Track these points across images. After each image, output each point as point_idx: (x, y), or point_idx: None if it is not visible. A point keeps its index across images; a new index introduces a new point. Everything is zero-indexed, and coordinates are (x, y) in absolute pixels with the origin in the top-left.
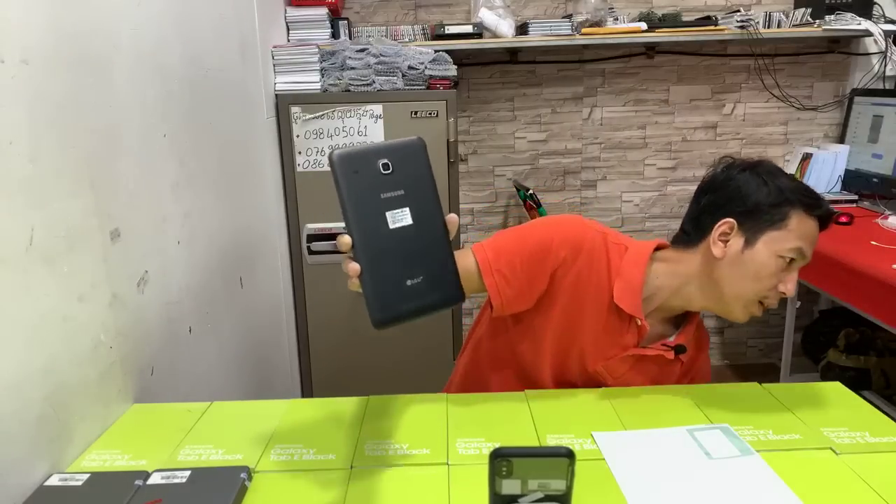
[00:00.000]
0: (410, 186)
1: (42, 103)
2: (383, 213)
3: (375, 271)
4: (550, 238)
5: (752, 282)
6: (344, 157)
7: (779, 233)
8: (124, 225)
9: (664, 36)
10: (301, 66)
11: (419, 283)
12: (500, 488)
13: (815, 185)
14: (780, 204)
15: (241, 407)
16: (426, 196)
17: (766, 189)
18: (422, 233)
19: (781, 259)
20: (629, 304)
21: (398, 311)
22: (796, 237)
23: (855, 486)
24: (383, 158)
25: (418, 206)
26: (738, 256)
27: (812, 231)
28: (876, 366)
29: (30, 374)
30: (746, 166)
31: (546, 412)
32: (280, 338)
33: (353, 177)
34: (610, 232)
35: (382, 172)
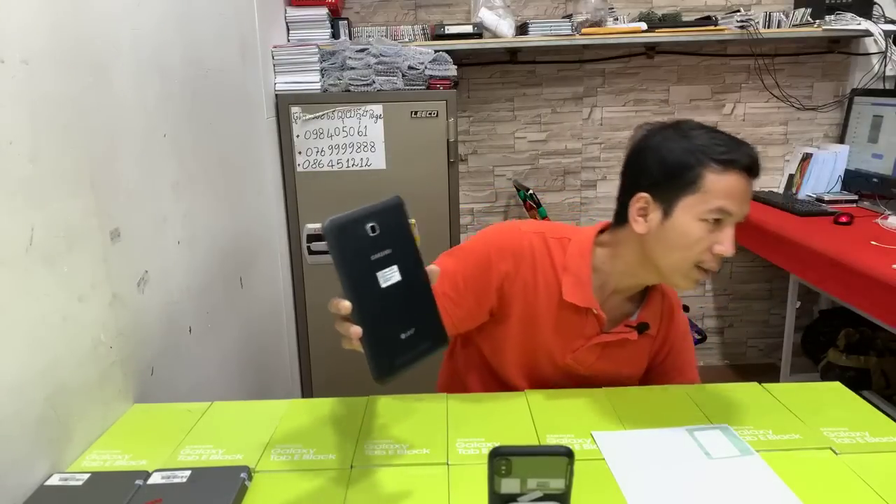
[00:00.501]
0: (395, 244)
1: (42, 103)
2: (375, 274)
3: (374, 332)
4: (488, 253)
5: (681, 251)
6: (337, 226)
7: (694, 196)
8: (124, 225)
9: (664, 36)
10: (301, 66)
11: (412, 334)
12: (499, 487)
13: (815, 185)
14: (690, 166)
15: (241, 407)
16: (409, 251)
17: (673, 154)
18: (409, 287)
19: (704, 222)
20: (580, 297)
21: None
22: (714, 197)
23: (855, 486)
24: (370, 222)
25: (404, 262)
26: (661, 229)
27: (733, 185)
28: (876, 366)
29: (30, 374)
30: (656, 132)
31: (546, 412)
32: (280, 338)
33: (346, 244)
34: (549, 228)
35: (370, 235)
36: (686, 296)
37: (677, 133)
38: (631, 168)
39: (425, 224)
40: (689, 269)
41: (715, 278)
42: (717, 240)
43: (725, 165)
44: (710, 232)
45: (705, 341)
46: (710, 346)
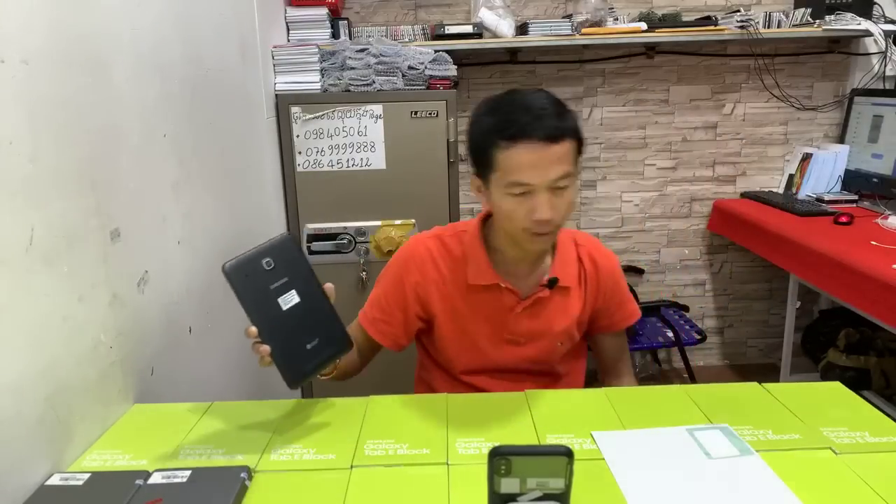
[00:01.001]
0: (291, 273)
1: (42, 103)
2: (275, 300)
3: (280, 347)
4: (397, 271)
5: (506, 222)
6: (235, 267)
7: (496, 174)
8: (124, 225)
9: (664, 36)
10: (301, 66)
11: (316, 343)
12: (499, 487)
13: (815, 185)
14: (483, 149)
15: (241, 407)
16: (304, 276)
17: (474, 138)
18: (309, 305)
19: (512, 195)
20: (483, 277)
21: (304, 371)
22: (508, 173)
23: (855, 486)
24: (265, 258)
25: (301, 286)
26: (491, 203)
27: (521, 158)
28: (876, 366)
29: (30, 374)
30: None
31: (546, 412)
32: None
33: (246, 280)
34: (446, 228)
35: (266, 269)
36: (686, 296)
37: (480, 114)
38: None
39: (425, 224)
40: (520, 235)
41: (715, 278)
42: (531, 207)
43: (509, 140)
44: (521, 202)
45: (705, 341)
46: (710, 346)
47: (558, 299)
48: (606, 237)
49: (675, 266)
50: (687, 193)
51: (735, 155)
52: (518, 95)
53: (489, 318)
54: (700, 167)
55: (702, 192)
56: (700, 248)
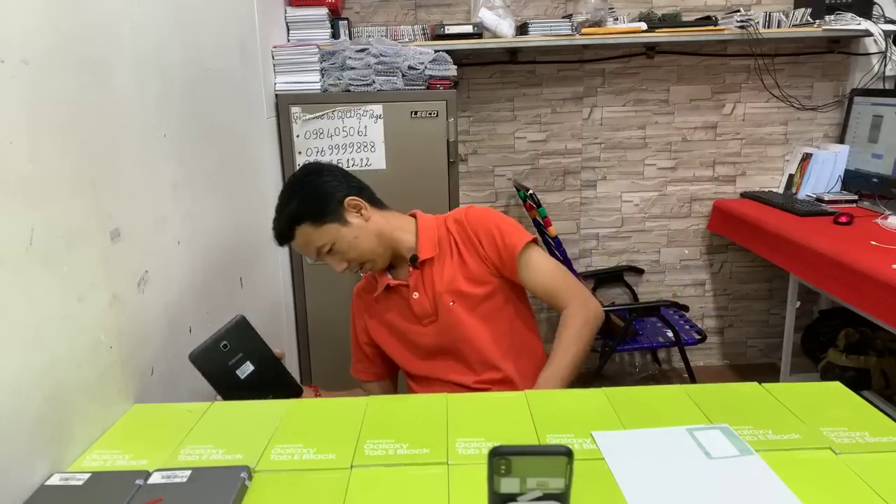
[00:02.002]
0: (244, 348)
1: (42, 103)
2: (234, 372)
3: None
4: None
5: None
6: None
7: None
8: (124, 225)
9: (664, 36)
10: (301, 66)
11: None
12: (499, 487)
13: (815, 185)
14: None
15: (241, 407)
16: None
17: None
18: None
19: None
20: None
21: None
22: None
23: (855, 486)
24: (222, 341)
25: (254, 356)
26: None
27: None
28: (876, 366)
29: (30, 374)
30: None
31: (546, 412)
32: (280, 338)
33: (209, 364)
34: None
35: (223, 350)
36: (686, 296)
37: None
38: None
39: None
40: None
41: (715, 278)
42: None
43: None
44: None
45: (705, 341)
46: (710, 346)
47: (430, 270)
48: (606, 237)
49: (675, 266)
50: (687, 193)
51: (735, 155)
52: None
53: (401, 313)
54: (700, 167)
55: (702, 192)
56: (700, 248)
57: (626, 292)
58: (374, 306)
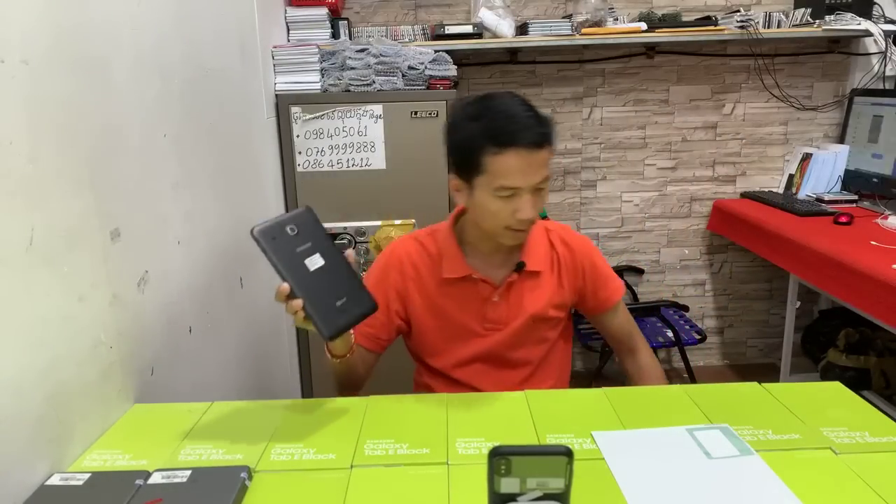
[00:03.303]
0: (313, 239)
1: (42, 103)
2: (303, 261)
3: (313, 301)
4: (377, 274)
5: (489, 219)
6: (263, 231)
7: (483, 177)
8: (124, 225)
9: (664, 36)
10: (301, 66)
11: (344, 302)
12: (499, 487)
13: (815, 185)
14: (473, 151)
15: (241, 407)
16: (326, 243)
17: (461, 140)
18: (332, 268)
19: (498, 197)
20: (455, 270)
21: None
22: (498, 177)
23: (855, 486)
24: (289, 224)
25: (324, 251)
26: (471, 202)
27: (511, 163)
28: (876, 366)
29: (30, 374)
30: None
31: (546, 412)
32: (280, 338)
33: (274, 242)
34: (422, 231)
35: (291, 234)
36: (686, 296)
37: (462, 119)
38: (446, 147)
39: (425, 224)
40: (502, 232)
41: (715, 278)
42: (516, 207)
43: (500, 146)
44: (507, 202)
45: (705, 341)
46: (710, 346)
47: (530, 283)
48: (606, 237)
49: (675, 266)
50: (687, 193)
51: (735, 155)
52: (499, 102)
53: (466, 308)
54: (700, 167)
55: (702, 192)
56: (700, 248)
57: (626, 292)
58: (426, 284)
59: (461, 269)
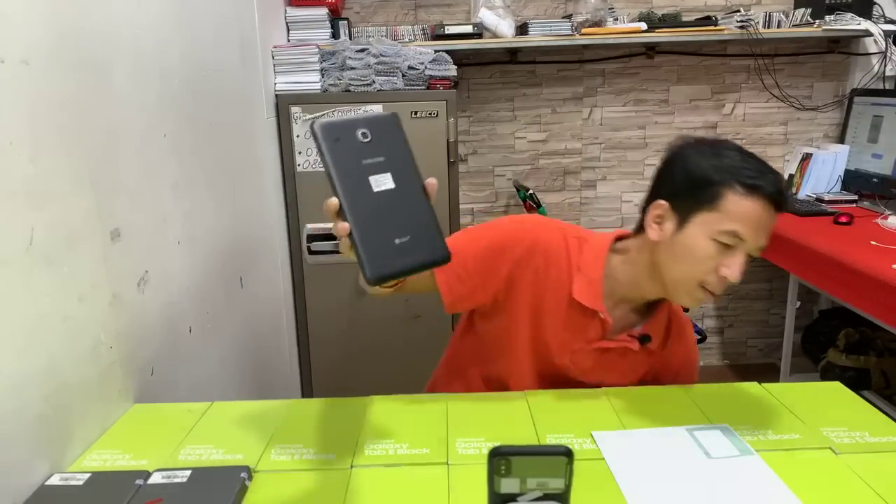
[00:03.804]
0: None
1: (42, 103)
2: (366, 178)
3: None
4: (505, 238)
5: (687, 265)
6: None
7: (711, 214)
8: (124, 225)
9: (664, 36)
10: (301, 67)
11: (407, 241)
12: (499, 487)
13: (815, 185)
14: (713, 183)
15: (241, 407)
16: (405, 163)
17: (700, 168)
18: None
19: (716, 242)
20: (589, 298)
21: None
22: (731, 219)
23: (855, 486)
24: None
25: (398, 172)
26: (672, 239)
27: (754, 212)
28: (876, 366)
29: (30, 374)
30: (691, 144)
31: (546, 412)
32: (280, 338)
33: (336, 144)
34: (569, 228)
35: (362, 141)
36: None
37: (711, 149)
38: (658, 176)
39: None
40: (692, 285)
41: None
42: (724, 262)
43: (749, 190)
44: (720, 253)
45: (705, 341)
46: (710, 346)
47: (633, 357)
48: None
49: None
50: None
51: None
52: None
53: (566, 336)
54: None
55: None
56: None
57: None
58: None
59: (595, 300)
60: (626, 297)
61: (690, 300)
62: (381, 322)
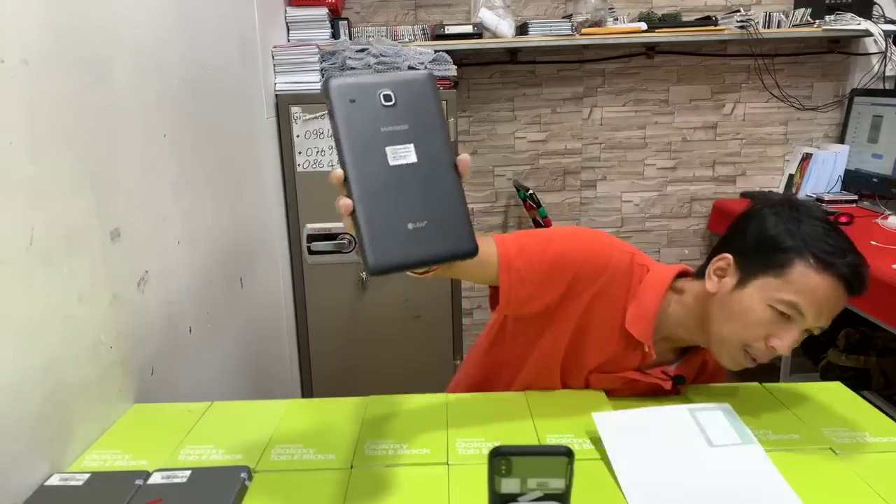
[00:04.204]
0: (416, 122)
1: (42, 103)
2: (382, 148)
3: (371, 209)
4: (577, 251)
5: (736, 326)
6: (342, 85)
7: (775, 280)
8: (124, 225)
9: (664, 36)
10: (301, 66)
11: (423, 227)
12: (499, 487)
13: (815, 184)
14: (786, 249)
15: (241, 407)
16: (434, 133)
17: (775, 229)
18: (428, 173)
19: (772, 310)
20: (640, 330)
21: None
22: (794, 290)
23: (855, 486)
24: (385, 90)
25: (425, 144)
26: (728, 296)
27: (821, 289)
28: (876, 366)
29: (30, 374)
30: (774, 204)
31: (546, 412)
32: (280, 338)
33: (350, 106)
34: (637, 253)
35: (384, 104)
36: None
37: (792, 213)
38: (732, 229)
39: None
40: (737, 347)
41: None
42: (776, 332)
43: (822, 265)
44: (774, 322)
45: None
46: None
47: (663, 393)
48: None
49: None
50: (687, 193)
51: (735, 155)
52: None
53: (604, 358)
54: (700, 167)
55: (702, 192)
56: (700, 248)
57: None
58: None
59: (645, 333)
60: (672, 335)
61: (731, 362)
62: (381, 322)
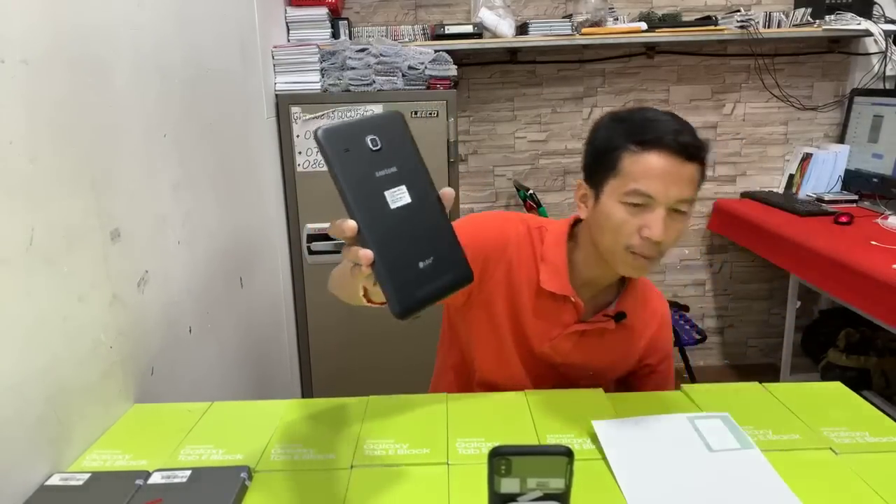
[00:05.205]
0: (401, 163)
1: (42, 103)
2: (382, 193)
3: (388, 256)
4: (477, 236)
5: (610, 234)
6: (332, 133)
7: (616, 180)
8: (124, 225)
9: (664, 36)
10: (301, 66)
11: (430, 264)
12: (499, 487)
13: (816, 184)
14: (613, 149)
15: (241, 407)
16: (418, 171)
17: (600, 139)
18: (422, 211)
19: (626, 205)
20: (556, 285)
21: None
22: (632, 179)
23: (855, 486)
24: (370, 134)
25: (413, 184)
26: (594, 213)
27: (650, 166)
28: (876, 366)
29: (30, 374)
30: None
31: (546, 412)
32: (280, 338)
33: (346, 156)
34: (530, 218)
35: (372, 149)
36: (686, 296)
37: (608, 121)
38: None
39: None
40: (621, 251)
41: (715, 278)
42: (644, 223)
43: (642, 145)
44: (635, 215)
45: (705, 341)
46: (710, 346)
47: (611, 336)
48: None
49: (675, 266)
50: None
51: (735, 155)
52: (653, 111)
53: (542, 324)
54: None
55: (702, 192)
56: (700, 248)
57: None
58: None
59: (563, 286)
60: (590, 278)
61: (629, 269)
62: (381, 322)
